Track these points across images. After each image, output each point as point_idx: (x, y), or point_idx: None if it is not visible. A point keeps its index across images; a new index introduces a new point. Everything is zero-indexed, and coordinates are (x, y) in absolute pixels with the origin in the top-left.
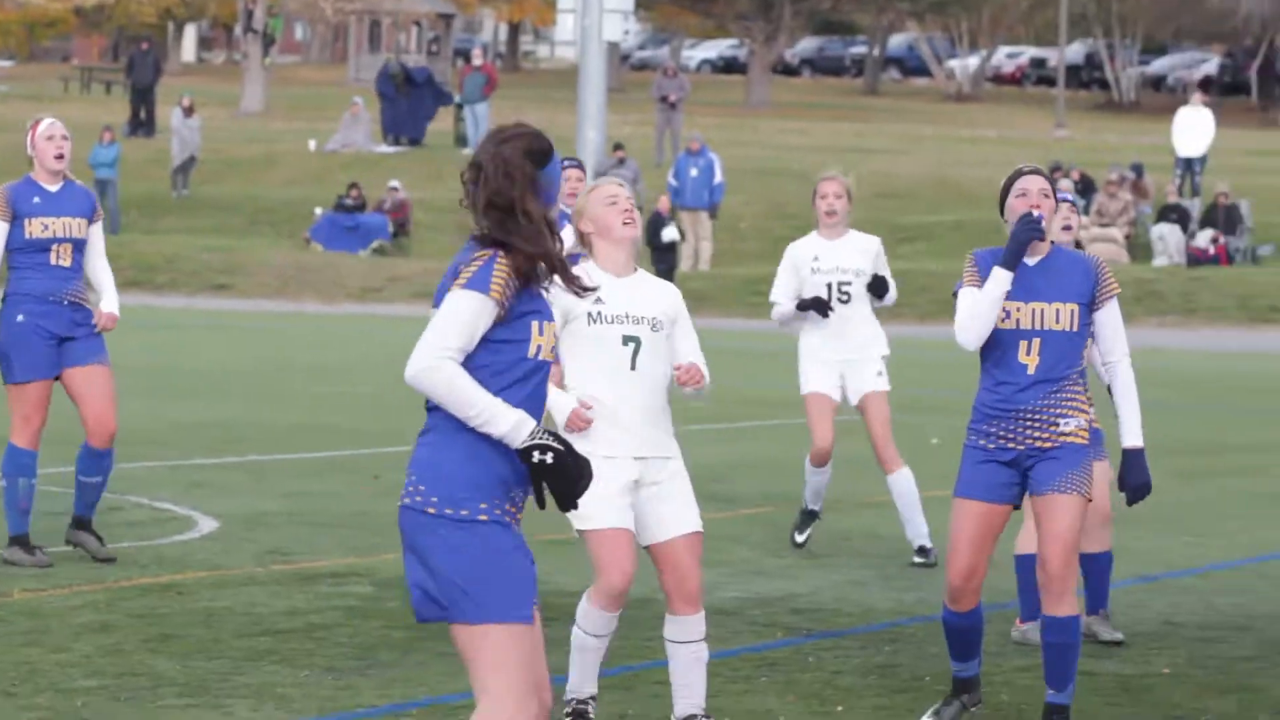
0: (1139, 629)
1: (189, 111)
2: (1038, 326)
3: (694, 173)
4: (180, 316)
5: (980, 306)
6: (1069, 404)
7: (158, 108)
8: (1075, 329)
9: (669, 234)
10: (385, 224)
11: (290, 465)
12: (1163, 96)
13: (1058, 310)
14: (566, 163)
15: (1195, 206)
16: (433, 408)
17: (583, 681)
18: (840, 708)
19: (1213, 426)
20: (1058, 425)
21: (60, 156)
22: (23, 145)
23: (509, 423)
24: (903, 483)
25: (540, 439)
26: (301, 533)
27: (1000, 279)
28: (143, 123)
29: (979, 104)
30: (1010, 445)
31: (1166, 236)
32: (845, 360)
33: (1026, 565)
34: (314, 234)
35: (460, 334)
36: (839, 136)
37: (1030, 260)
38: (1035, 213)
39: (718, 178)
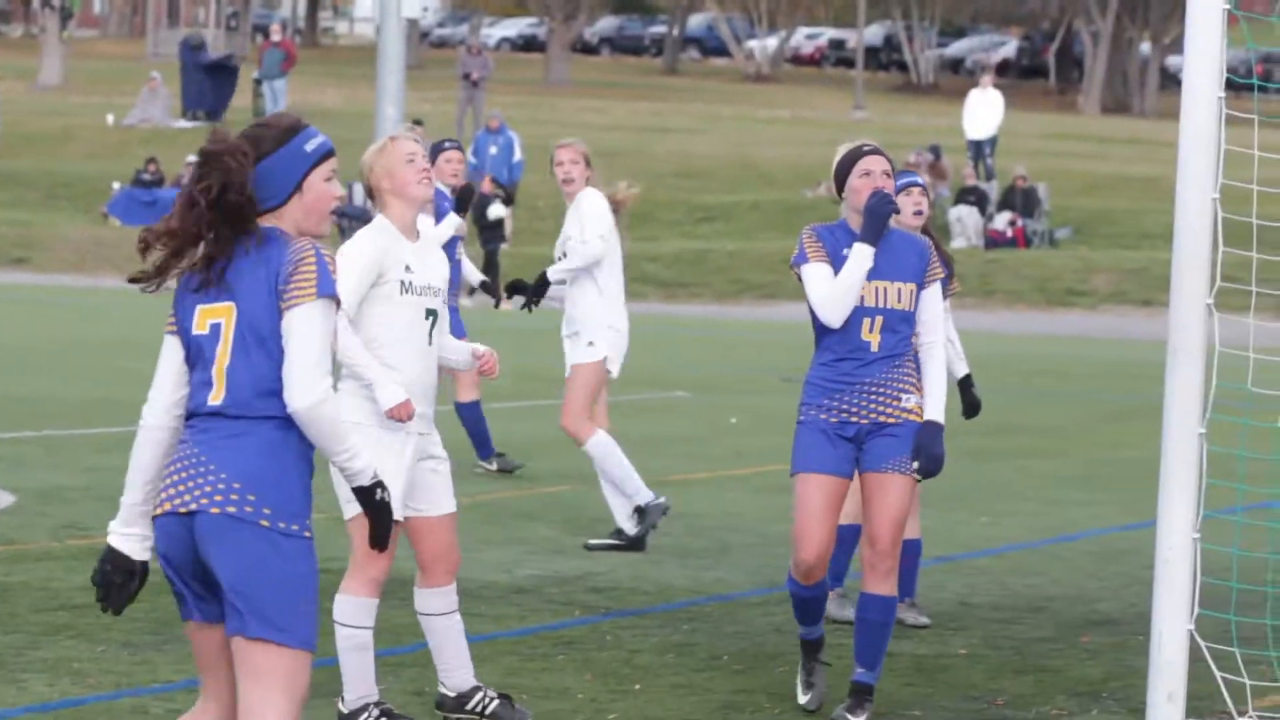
0: (936, 609)
1: None
2: (880, 305)
3: (493, 150)
4: None
5: (845, 284)
6: (908, 379)
7: None
8: (912, 308)
9: (495, 211)
10: None
11: (87, 440)
12: (961, 79)
13: (899, 289)
14: (447, 144)
15: (993, 189)
16: (239, 414)
17: (369, 683)
18: (638, 686)
19: (1010, 408)
20: (899, 400)
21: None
22: None
23: (367, 459)
24: (599, 448)
25: (378, 476)
26: (98, 508)
27: (864, 255)
28: None
29: (778, 84)
30: (853, 419)
31: (965, 218)
32: (568, 336)
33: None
34: (112, 209)
35: (329, 351)
36: (638, 116)
37: None
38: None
39: (517, 155)
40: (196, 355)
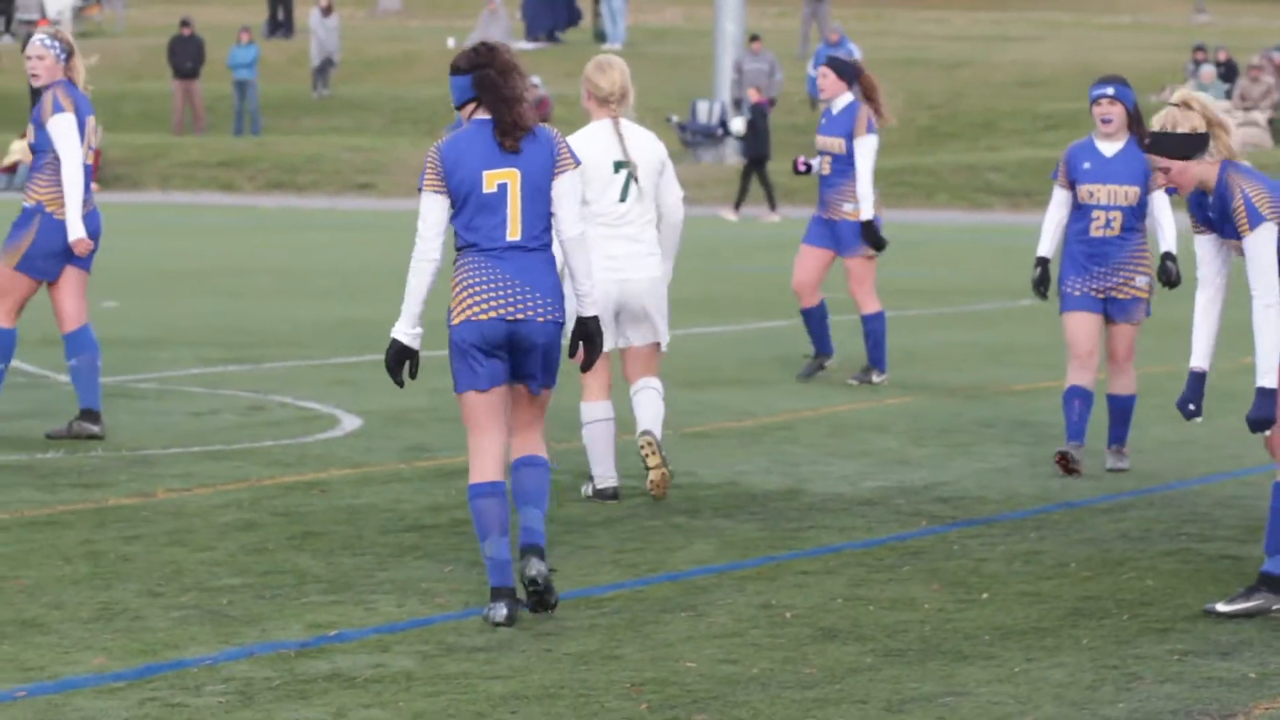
0: (1255, 514)
1: (327, 11)
2: None
3: None
4: (322, 217)
5: None
6: None
7: (295, 8)
8: None
9: (736, 126)
10: None
11: (433, 362)
12: None
13: None
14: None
15: None
16: (531, 246)
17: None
18: (985, 595)
19: None
20: None
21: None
22: (159, 48)
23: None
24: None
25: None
26: (444, 430)
27: None
28: (281, 24)
29: None
30: None
31: None
32: None
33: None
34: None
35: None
36: (978, 25)
37: None
38: None
39: None
40: (482, 206)
